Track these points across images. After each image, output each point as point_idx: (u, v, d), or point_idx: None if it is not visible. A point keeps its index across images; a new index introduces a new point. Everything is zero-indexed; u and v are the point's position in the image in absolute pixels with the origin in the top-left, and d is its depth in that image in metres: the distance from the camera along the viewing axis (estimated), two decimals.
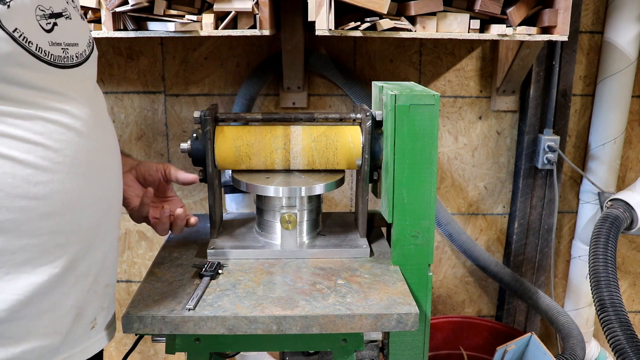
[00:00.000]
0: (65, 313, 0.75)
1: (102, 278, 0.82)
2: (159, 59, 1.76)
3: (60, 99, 0.72)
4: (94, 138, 0.77)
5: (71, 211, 0.73)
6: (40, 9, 0.70)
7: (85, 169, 0.75)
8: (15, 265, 0.68)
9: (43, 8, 0.71)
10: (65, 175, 0.71)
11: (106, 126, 0.83)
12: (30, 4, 0.69)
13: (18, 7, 0.66)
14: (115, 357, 2.08)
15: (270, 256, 1.13)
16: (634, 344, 1.30)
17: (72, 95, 0.74)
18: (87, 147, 0.75)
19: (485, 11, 1.33)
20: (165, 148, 1.84)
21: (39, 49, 0.69)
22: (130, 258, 1.97)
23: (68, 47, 0.74)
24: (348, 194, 1.90)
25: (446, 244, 1.97)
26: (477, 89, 1.82)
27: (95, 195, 0.77)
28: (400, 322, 0.93)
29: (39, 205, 0.69)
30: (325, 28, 1.28)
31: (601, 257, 1.46)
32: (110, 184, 0.82)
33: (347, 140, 1.13)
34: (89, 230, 0.76)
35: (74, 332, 0.77)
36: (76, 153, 0.73)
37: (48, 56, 0.70)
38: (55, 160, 0.70)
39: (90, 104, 0.79)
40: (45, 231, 0.70)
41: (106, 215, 0.80)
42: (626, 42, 1.69)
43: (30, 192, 0.68)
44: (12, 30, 0.65)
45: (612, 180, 1.85)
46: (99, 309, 0.82)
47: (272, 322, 0.91)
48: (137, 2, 1.26)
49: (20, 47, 0.67)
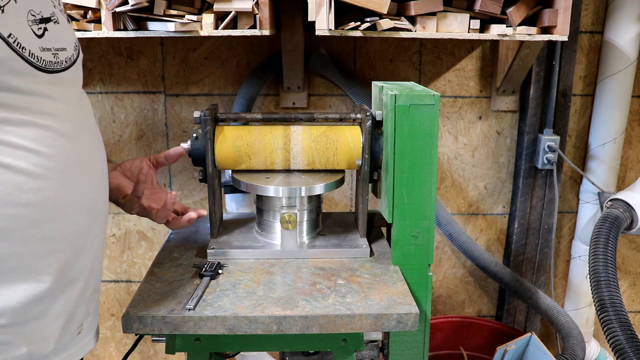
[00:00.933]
0: (55, 319, 0.74)
1: (90, 283, 0.81)
2: (159, 59, 1.76)
3: (51, 104, 0.71)
4: (83, 142, 0.77)
5: (62, 217, 0.72)
6: (31, 14, 0.69)
7: (76, 174, 0.74)
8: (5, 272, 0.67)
9: (34, 13, 0.70)
10: (56, 181, 0.71)
11: (93, 129, 0.82)
12: (22, 9, 0.68)
13: (12, 12, 0.65)
14: (115, 357, 2.08)
15: (270, 256, 1.13)
16: (634, 344, 1.30)
17: (62, 100, 0.73)
18: (77, 151, 0.75)
19: (485, 11, 1.33)
20: (165, 148, 1.84)
21: (31, 55, 0.68)
22: (130, 258, 1.97)
23: (58, 52, 0.74)
24: (348, 194, 1.90)
25: (446, 244, 1.97)
26: (477, 89, 1.82)
27: (85, 200, 0.76)
28: (400, 322, 0.93)
29: (30, 213, 0.68)
30: (325, 28, 1.28)
31: (601, 257, 1.46)
32: (99, 188, 0.81)
33: (347, 140, 1.13)
34: (80, 236, 0.76)
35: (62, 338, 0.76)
36: (67, 158, 0.72)
37: (40, 62, 0.70)
38: (47, 166, 0.69)
39: (78, 107, 0.78)
40: (36, 238, 0.69)
41: (95, 219, 0.80)
42: (626, 42, 1.69)
43: (23, 200, 0.67)
44: (6, 35, 0.64)
45: (612, 180, 1.85)
46: (86, 314, 0.81)
47: (272, 322, 0.91)
48: (137, 2, 1.26)
49: (14, 52, 0.66)
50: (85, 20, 1.34)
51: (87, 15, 1.34)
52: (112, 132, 1.82)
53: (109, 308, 2.02)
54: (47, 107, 0.71)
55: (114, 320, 2.04)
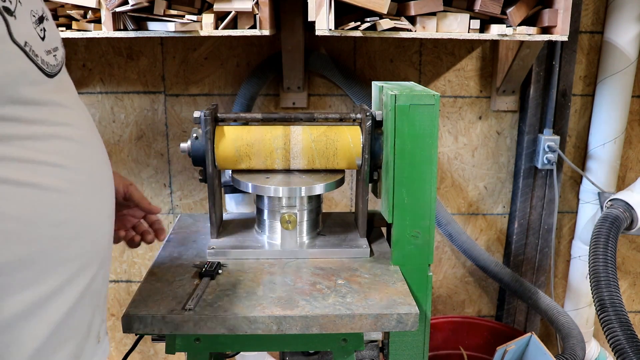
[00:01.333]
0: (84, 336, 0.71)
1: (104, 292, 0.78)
2: (159, 59, 1.76)
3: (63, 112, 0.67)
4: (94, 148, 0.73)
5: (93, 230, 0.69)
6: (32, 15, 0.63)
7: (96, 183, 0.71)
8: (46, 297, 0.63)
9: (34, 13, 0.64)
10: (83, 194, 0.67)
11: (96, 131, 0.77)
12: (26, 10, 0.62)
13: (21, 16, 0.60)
14: (115, 357, 2.08)
15: (270, 256, 1.13)
16: (634, 344, 1.30)
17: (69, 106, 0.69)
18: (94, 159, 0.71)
19: (485, 11, 1.33)
20: (165, 148, 1.84)
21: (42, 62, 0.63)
22: (130, 258, 1.97)
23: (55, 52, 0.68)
24: (348, 194, 1.90)
25: (446, 244, 1.97)
26: (477, 89, 1.82)
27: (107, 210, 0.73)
28: (400, 322, 0.93)
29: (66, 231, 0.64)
30: (325, 28, 1.28)
31: (601, 257, 1.46)
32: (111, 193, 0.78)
33: (347, 140, 1.13)
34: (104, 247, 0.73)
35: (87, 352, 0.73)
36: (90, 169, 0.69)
37: (48, 67, 0.64)
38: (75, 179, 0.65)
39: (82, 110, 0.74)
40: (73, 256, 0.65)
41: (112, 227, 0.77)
42: (626, 42, 1.69)
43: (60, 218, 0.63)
44: (23, 44, 0.59)
45: (612, 180, 1.85)
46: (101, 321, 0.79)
47: (272, 322, 0.91)
48: (137, 2, 1.26)
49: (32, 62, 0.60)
50: (85, 20, 1.34)
51: (87, 15, 1.34)
52: (112, 132, 1.82)
53: (109, 308, 2.02)
54: (61, 116, 0.66)
55: (114, 320, 2.03)
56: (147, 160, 1.85)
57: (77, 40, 1.73)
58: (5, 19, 0.56)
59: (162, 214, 1.91)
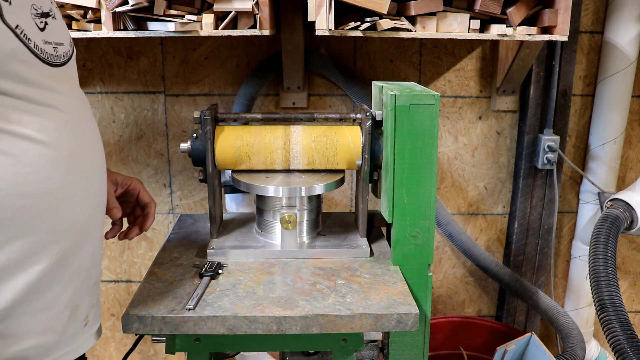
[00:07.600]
0: (61, 310, 0.76)
1: (92, 275, 0.83)
2: (159, 59, 1.76)
3: (54, 97, 0.73)
4: (85, 135, 0.79)
5: (66, 207, 0.74)
6: (33, 8, 0.72)
7: (79, 166, 0.76)
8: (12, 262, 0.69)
9: (36, 7, 0.72)
10: (61, 172, 0.73)
11: (93, 125, 0.84)
12: (26, 2, 0.70)
13: (18, 4, 0.68)
14: (115, 357, 2.08)
15: (270, 256, 1.13)
16: (634, 344, 1.30)
17: (64, 93, 0.76)
18: (79, 144, 0.77)
19: (485, 11, 1.33)
20: (165, 148, 1.84)
21: (36, 47, 0.70)
22: (130, 258, 1.97)
23: (57, 46, 0.76)
24: (348, 194, 1.90)
25: (446, 244, 1.97)
26: (477, 89, 1.82)
27: (87, 192, 0.79)
28: (400, 322, 0.93)
29: (37, 203, 0.70)
30: (325, 28, 1.28)
31: (601, 257, 1.46)
32: (100, 181, 0.83)
33: (347, 140, 1.13)
34: (81, 227, 0.77)
35: (69, 330, 0.78)
36: (71, 150, 0.74)
37: (43, 54, 0.72)
38: (53, 157, 0.71)
39: (79, 102, 0.81)
40: (42, 228, 0.71)
41: (96, 212, 0.81)
42: (626, 42, 1.69)
43: (31, 190, 0.69)
44: (14, 26, 0.66)
45: (612, 180, 1.85)
46: (90, 306, 0.84)
47: (272, 322, 0.91)
48: (137, 2, 1.26)
49: (22, 43, 0.68)
50: (85, 20, 1.34)
51: (87, 15, 1.34)
52: (112, 132, 1.82)
53: (109, 308, 2.02)
54: (51, 99, 0.73)
55: (114, 320, 2.03)
56: (147, 160, 1.85)
57: (77, 40, 1.73)
58: None
59: (162, 214, 1.91)
